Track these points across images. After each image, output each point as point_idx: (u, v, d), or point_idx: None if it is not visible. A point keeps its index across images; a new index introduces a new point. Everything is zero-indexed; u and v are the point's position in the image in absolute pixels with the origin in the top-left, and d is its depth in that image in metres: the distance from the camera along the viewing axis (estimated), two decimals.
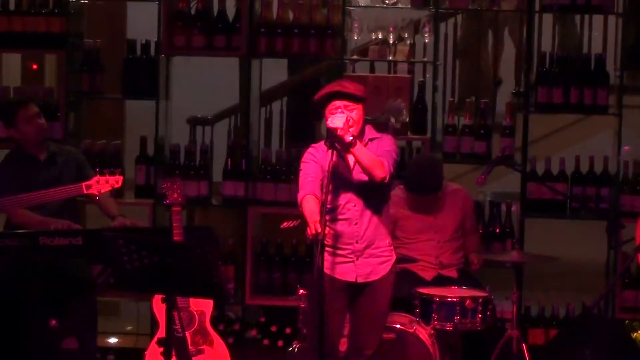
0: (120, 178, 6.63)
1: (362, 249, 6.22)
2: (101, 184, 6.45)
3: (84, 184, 6.63)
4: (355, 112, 6.10)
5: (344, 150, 5.99)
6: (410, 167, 7.50)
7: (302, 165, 6.27)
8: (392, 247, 6.41)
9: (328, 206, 5.98)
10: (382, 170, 6.01)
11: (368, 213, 6.20)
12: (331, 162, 5.90)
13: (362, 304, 6.32)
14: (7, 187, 7.31)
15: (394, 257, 6.39)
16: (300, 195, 6.16)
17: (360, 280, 6.26)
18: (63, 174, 7.45)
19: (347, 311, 6.33)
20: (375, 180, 6.03)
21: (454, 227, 7.47)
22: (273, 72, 9.25)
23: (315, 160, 6.20)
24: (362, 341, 6.38)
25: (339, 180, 6.09)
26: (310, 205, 6.06)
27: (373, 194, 6.20)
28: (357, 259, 6.24)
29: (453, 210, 7.48)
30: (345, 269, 6.23)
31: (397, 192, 7.47)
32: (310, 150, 6.29)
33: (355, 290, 6.26)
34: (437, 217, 7.45)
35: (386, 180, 6.08)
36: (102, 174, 6.61)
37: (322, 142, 6.20)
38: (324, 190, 5.92)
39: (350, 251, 6.19)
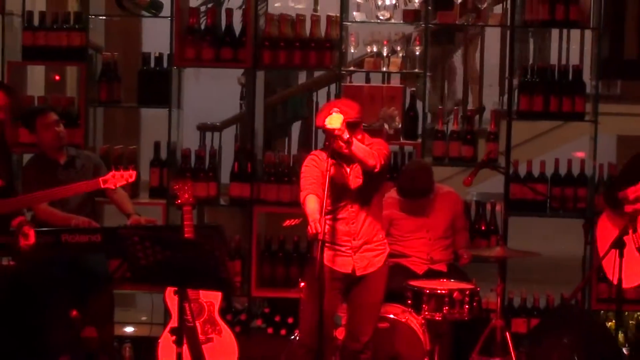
0: (134, 173, 6.61)
1: (359, 246, 6.23)
2: (117, 178, 6.46)
3: (100, 178, 6.59)
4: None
5: (342, 147, 5.95)
6: (402, 173, 7.50)
7: (303, 169, 6.26)
8: (385, 241, 6.43)
9: (328, 208, 5.99)
10: (373, 159, 6.02)
11: (363, 213, 6.22)
12: (329, 173, 5.91)
13: (358, 294, 6.33)
14: (29, 187, 7.33)
15: (387, 250, 6.40)
16: (302, 195, 6.14)
17: (358, 273, 6.26)
18: (81, 176, 7.45)
19: (342, 300, 6.32)
20: (368, 168, 6.04)
21: (445, 227, 7.46)
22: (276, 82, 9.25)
23: (316, 166, 6.20)
24: (358, 329, 6.38)
25: (337, 186, 6.10)
26: (312, 205, 6.04)
27: (367, 197, 6.22)
28: (355, 254, 6.24)
29: (444, 212, 7.47)
30: (344, 262, 6.24)
31: (392, 195, 7.47)
32: (311, 156, 6.29)
33: (352, 282, 6.26)
34: (429, 218, 7.44)
35: (377, 169, 6.07)
36: (117, 169, 6.57)
37: (321, 150, 6.20)
38: (324, 194, 5.90)
39: (348, 247, 6.21)
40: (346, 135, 5.89)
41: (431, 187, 7.40)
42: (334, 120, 5.89)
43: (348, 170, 6.16)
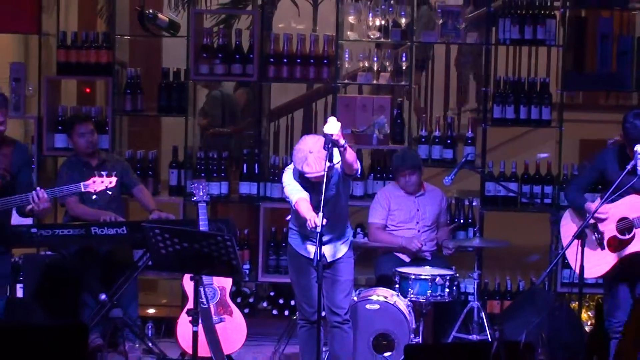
0: (114, 179, 6.29)
1: (332, 236, 6.31)
2: (97, 184, 6.21)
3: (82, 183, 6.23)
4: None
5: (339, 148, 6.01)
6: (394, 157, 7.56)
7: (286, 184, 6.30)
8: (349, 229, 6.54)
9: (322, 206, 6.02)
10: (358, 165, 6.16)
11: (336, 208, 6.28)
12: (326, 174, 5.93)
13: (333, 276, 6.37)
14: (65, 185, 7.36)
15: (351, 235, 6.52)
16: (293, 199, 6.19)
17: (329, 258, 6.33)
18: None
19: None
20: (352, 171, 6.15)
21: (431, 221, 7.47)
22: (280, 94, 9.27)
23: (294, 180, 6.24)
24: (336, 304, 6.39)
25: (318, 192, 6.06)
26: (304, 205, 6.10)
27: (338, 200, 6.29)
28: (328, 243, 6.30)
29: (431, 207, 7.47)
30: (313, 249, 6.20)
31: (389, 188, 7.53)
32: (286, 173, 6.32)
33: (326, 266, 6.25)
34: (419, 212, 7.44)
35: (359, 174, 6.38)
36: (100, 175, 6.29)
37: (293, 167, 6.22)
38: (322, 195, 5.91)
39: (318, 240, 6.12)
40: (342, 141, 5.94)
41: (419, 164, 7.44)
42: (332, 127, 5.94)
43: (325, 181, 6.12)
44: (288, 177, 6.29)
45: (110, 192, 6.37)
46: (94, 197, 6.41)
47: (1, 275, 6.30)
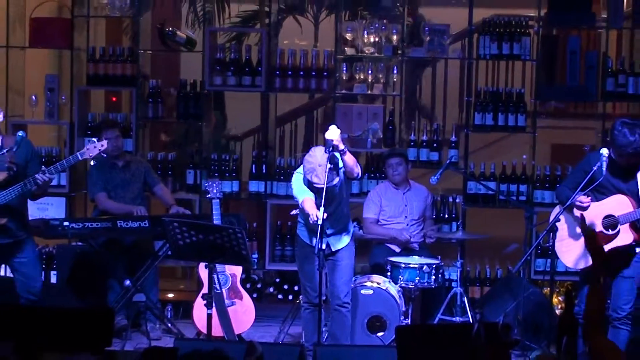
0: (105, 142, 6.32)
1: (334, 230, 6.32)
2: (91, 150, 6.20)
3: (78, 152, 6.27)
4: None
5: (338, 155, 6.01)
6: (385, 155, 7.63)
7: (294, 186, 6.31)
8: (352, 223, 6.56)
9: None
10: (358, 169, 6.16)
11: (339, 207, 6.30)
12: (326, 174, 5.94)
13: (334, 263, 6.39)
14: (94, 184, 7.39)
15: (352, 228, 6.53)
16: (300, 199, 6.23)
17: (333, 248, 6.35)
18: (134, 176, 7.53)
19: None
20: (353, 176, 6.16)
21: (418, 215, 7.48)
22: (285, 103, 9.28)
23: (302, 184, 6.24)
24: (337, 289, 6.41)
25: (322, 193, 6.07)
26: (308, 203, 6.14)
27: (341, 199, 6.29)
28: (331, 235, 6.33)
29: (418, 203, 7.49)
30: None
31: (381, 187, 7.56)
32: (295, 176, 6.33)
33: (329, 254, 6.29)
34: (407, 207, 7.46)
35: (359, 177, 6.34)
36: (91, 142, 6.31)
37: (302, 169, 6.20)
38: (323, 195, 5.94)
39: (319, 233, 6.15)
40: (342, 146, 5.96)
41: (405, 154, 7.53)
42: (333, 133, 5.96)
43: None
44: (297, 180, 6.30)
45: (104, 155, 6.36)
46: (91, 162, 6.34)
47: (34, 259, 6.28)
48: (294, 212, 6.72)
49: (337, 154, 6.01)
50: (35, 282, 6.24)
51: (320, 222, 5.89)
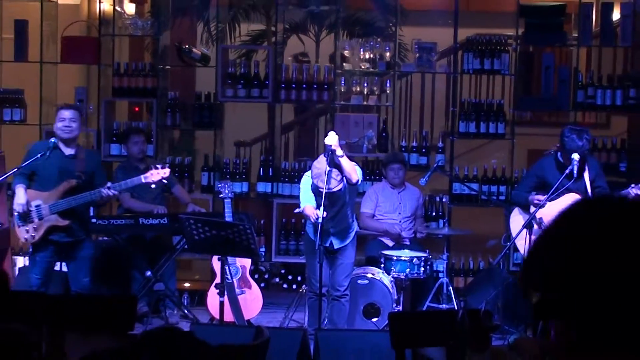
0: (167, 170, 6.32)
1: (336, 230, 6.29)
2: (154, 176, 6.25)
3: (142, 175, 6.31)
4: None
5: (336, 159, 5.98)
6: (385, 155, 7.61)
7: (302, 188, 6.33)
8: (354, 222, 6.50)
9: (325, 203, 6.02)
10: (356, 175, 6.08)
11: (342, 210, 6.27)
12: (326, 177, 5.92)
13: (337, 261, 6.36)
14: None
15: (354, 229, 6.47)
16: (302, 206, 6.27)
17: (335, 246, 6.32)
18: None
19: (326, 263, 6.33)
20: (352, 181, 6.08)
21: (410, 212, 7.47)
22: (289, 112, 9.27)
23: (307, 183, 6.24)
24: (337, 282, 6.40)
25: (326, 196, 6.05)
26: (309, 210, 6.17)
27: (344, 201, 6.25)
28: (334, 235, 6.30)
29: (411, 202, 7.47)
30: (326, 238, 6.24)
31: (378, 185, 7.55)
32: (304, 179, 6.32)
33: (332, 251, 6.27)
34: (400, 204, 7.45)
35: (359, 183, 6.16)
36: (155, 168, 6.34)
37: (309, 173, 6.18)
38: (323, 196, 5.93)
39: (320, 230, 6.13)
40: (339, 151, 5.94)
41: (405, 160, 7.53)
42: (331, 139, 5.95)
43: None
44: (305, 183, 6.31)
45: (165, 181, 6.39)
46: (152, 186, 6.41)
47: (88, 257, 6.32)
48: (297, 210, 6.71)
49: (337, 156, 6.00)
50: (85, 277, 6.29)
51: (320, 220, 5.88)
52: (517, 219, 6.63)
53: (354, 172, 6.09)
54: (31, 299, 4.92)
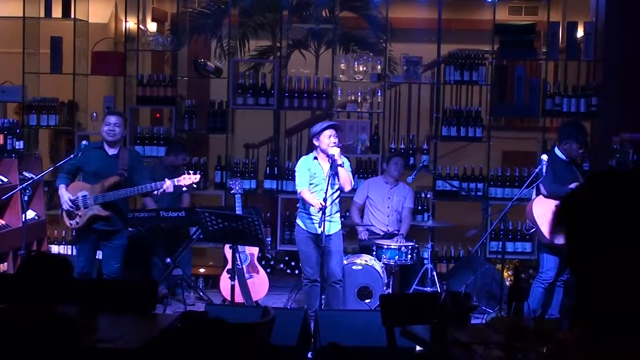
0: (197, 176, 6.28)
1: (328, 217, 6.20)
2: (185, 180, 6.22)
3: (175, 179, 6.24)
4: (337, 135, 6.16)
5: (336, 167, 6.00)
6: (390, 156, 7.57)
7: (297, 171, 6.27)
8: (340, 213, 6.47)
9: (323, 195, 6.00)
10: (350, 185, 6.14)
11: (333, 198, 6.23)
12: (329, 179, 5.97)
13: (329, 250, 6.27)
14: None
15: (340, 215, 6.44)
16: (299, 189, 6.20)
17: (330, 232, 6.25)
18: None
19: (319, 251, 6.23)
20: (345, 189, 6.13)
21: (400, 207, 7.44)
22: (292, 118, 9.26)
23: (303, 166, 6.21)
24: (332, 271, 6.32)
25: (324, 182, 6.05)
26: (307, 194, 6.13)
27: (337, 197, 6.25)
28: (325, 222, 6.21)
29: (398, 197, 7.45)
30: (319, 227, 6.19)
31: (372, 180, 7.53)
32: (300, 162, 6.26)
33: (324, 239, 6.15)
34: (389, 199, 7.43)
35: (349, 191, 6.31)
36: (188, 173, 6.36)
37: (309, 154, 6.23)
38: (327, 185, 5.93)
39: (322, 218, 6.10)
40: (340, 161, 5.96)
41: (404, 157, 7.55)
42: (335, 150, 5.99)
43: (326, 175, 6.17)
44: (300, 167, 6.27)
45: (195, 186, 6.41)
46: (184, 188, 6.41)
47: (121, 245, 6.32)
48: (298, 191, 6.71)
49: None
50: (117, 263, 6.28)
51: (324, 208, 5.90)
52: (543, 205, 6.22)
53: (349, 182, 6.12)
54: (83, 284, 4.94)
